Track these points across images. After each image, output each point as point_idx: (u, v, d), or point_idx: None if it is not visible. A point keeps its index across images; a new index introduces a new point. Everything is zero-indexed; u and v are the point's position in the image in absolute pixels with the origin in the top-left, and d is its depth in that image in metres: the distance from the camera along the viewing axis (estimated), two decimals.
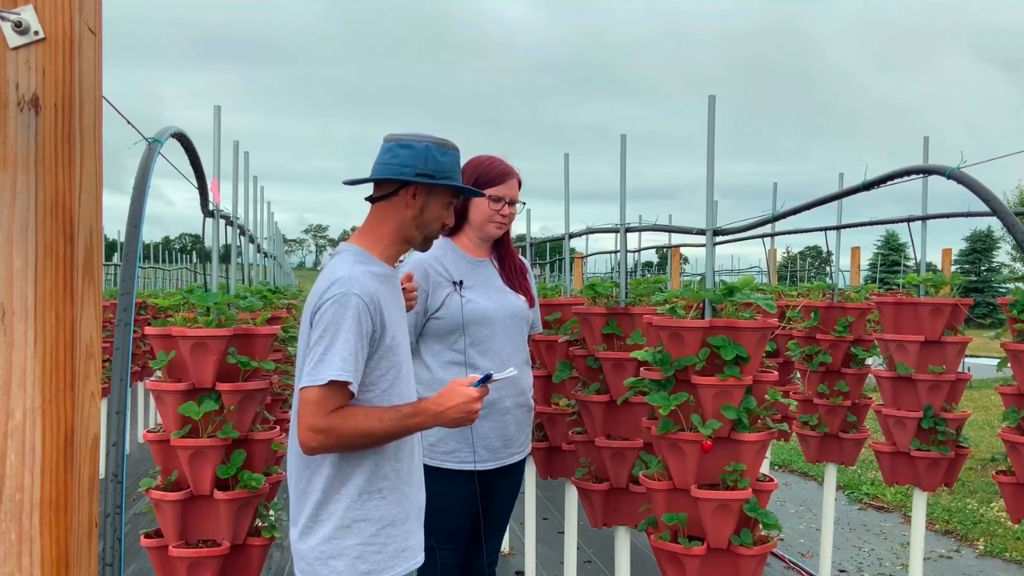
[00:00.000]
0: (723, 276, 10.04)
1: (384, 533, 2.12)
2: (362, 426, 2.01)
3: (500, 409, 2.90)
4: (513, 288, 3.00)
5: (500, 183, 2.91)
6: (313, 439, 2.00)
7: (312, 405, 1.99)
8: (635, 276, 5.06)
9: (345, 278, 2.05)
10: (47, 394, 1.10)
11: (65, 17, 1.10)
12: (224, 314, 3.00)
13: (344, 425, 2.00)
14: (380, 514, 2.11)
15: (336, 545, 2.09)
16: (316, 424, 1.99)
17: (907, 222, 4.02)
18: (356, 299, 2.02)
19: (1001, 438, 3.72)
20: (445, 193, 2.19)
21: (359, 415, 2.02)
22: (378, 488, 2.11)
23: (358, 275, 2.07)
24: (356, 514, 2.09)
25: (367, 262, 2.14)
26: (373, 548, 2.10)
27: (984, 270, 37.58)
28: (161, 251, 14.77)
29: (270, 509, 3.15)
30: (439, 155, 2.15)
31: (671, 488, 2.69)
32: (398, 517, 2.15)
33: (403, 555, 2.16)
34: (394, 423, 2.04)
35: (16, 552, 1.09)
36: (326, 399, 1.99)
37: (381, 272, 2.15)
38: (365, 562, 2.09)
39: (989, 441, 9.02)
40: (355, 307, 2.02)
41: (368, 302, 2.04)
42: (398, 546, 2.15)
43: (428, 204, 2.17)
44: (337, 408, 2.01)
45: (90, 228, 1.15)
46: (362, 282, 2.06)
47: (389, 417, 2.04)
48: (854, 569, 5.40)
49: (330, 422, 1.99)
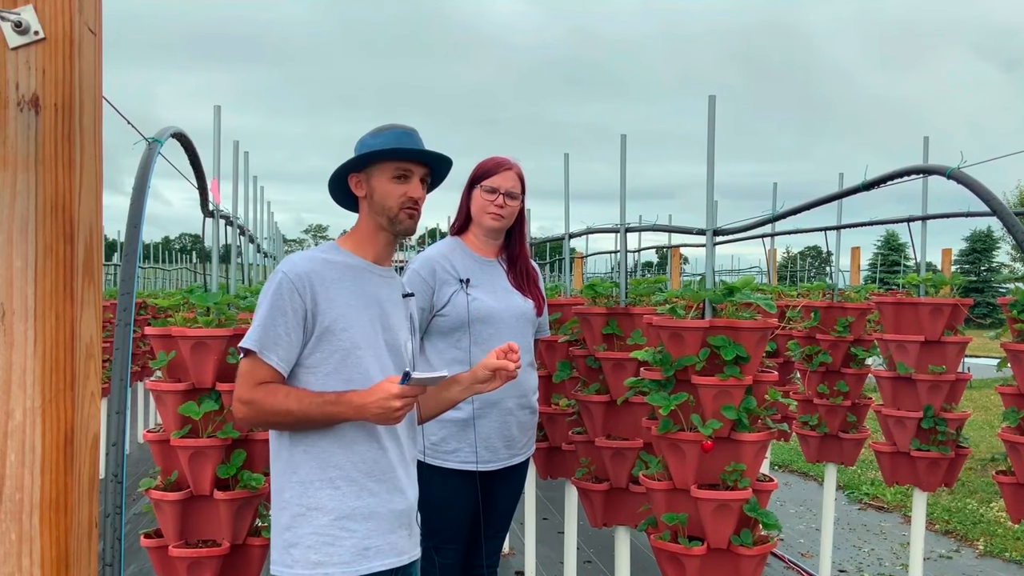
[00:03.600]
0: (723, 276, 10.03)
1: (338, 525, 2.09)
2: (281, 404, 2.04)
3: (503, 410, 2.90)
4: (521, 291, 3.00)
5: (494, 174, 2.93)
6: (239, 409, 2.08)
7: (240, 376, 2.08)
8: (635, 276, 5.06)
9: (283, 260, 2.16)
10: (47, 394, 1.10)
11: (65, 17, 1.10)
12: (224, 314, 3.00)
13: (265, 400, 2.04)
14: (333, 504, 2.09)
15: (294, 533, 2.10)
16: (242, 395, 2.06)
17: (907, 222, 4.02)
18: (281, 275, 2.09)
19: (1001, 438, 3.72)
20: (384, 168, 2.18)
21: (280, 393, 2.05)
22: (328, 477, 2.10)
23: (296, 258, 2.15)
24: (308, 502, 2.10)
25: (328, 251, 2.20)
26: (325, 539, 2.08)
27: (984, 270, 37.57)
28: (161, 251, 14.78)
29: (270, 509, 3.15)
30: (370, 139, 2.20)
31: (671, 488, 2.69)
32: (357, 512, 2.11)
33: (365, 554, 2.10)
34: (313, 408, 2.04)
35: (16, 552, 1.09)
36: (251, 371, 2.06)
37: (342, 261, 2.18)
38: (317, 552, 2.08)
39: (989, 441, 9.02)
40: (277, 283, 2.08)
41: (295, 279, 2.08)
42: (357, 543, 2.10)
43: (372, 185, 2.19)
44: (264, 383, 2.06)
45: (90, 228, 1.15)
46: (295, 262, 2.13)
47: (310, 401, 2.05)
48: (854, 569, 5.40)
49: (254, 395, 2.05)
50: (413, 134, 2.22)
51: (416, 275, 2.85)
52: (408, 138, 2.20)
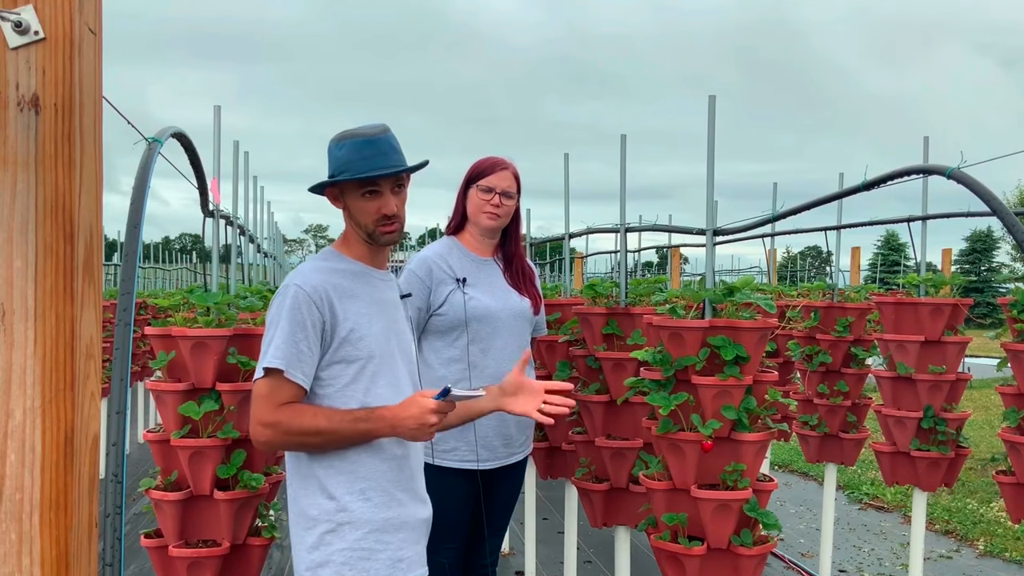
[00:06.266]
0: (723, 276, 10.04)
1: (372, 538, 2.03)
2: (309, 423, 1.96)
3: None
4: (518, 289, 3.00)
5: (490, 174, 2.94)
6: (262, 433, 1.97)
7: (260, 399, 1.97)
8: (635, 276, 5.06)
9: (293, 274, 2.07)
10: (47, 394, 1.10)
11: (65, 17, 1.10)
12: (224, 314, 3.00)
13: (292, 421, 1.95)
14: (367, 516, 2.03)
15: (323, 552, 2.02)
16: (264, 418, 1.96)
17: (907, 222, 4.02)
18: (295, 289, 2.01)
19: (1001, 438, 3.72)
20: (350, 186, 2.08)
21: (308, 412, 1.97)
22: (359, 489, 2.03)
23: (305, 269, 2.08)
24: (339, 517, 2.02)
25: (332, 259, 2.14)
26: (360, 554, 2.02)
27: (984, 270, 37.55)
28: (161, 251, 14.77)
29: (270, 509, 3.15)
30: (335, 151, 2.09)
31: (671, 488, 2.69)
32: (390, 523, 2.06)
33: (399, 566, 2.06)
34: (345, 425, 1.98)
35: (16, 552, 1.09)
36: (272, 392, 1.97)
37: (347, 268, 2.12)
38: (352, 568, 2.01)
39: (989, 441, 9.02)
40: (293, 297, 2.00)
41: (311, 292, 2.01)
42: (391, 555, 2.05)
43: (347, 202, 2.12)
44: (287, 403, 1.97)
45: (90, 228, 1.15)
46: (306, 274, 2.05)
47: (340, 418, 1.98)
48: (854, 569, 5.40)
49: (277, 416, 1.96)
50: (376, 140, 2.06)
51: (413, 275, 2.85)
52: (370, 147, 2.04)
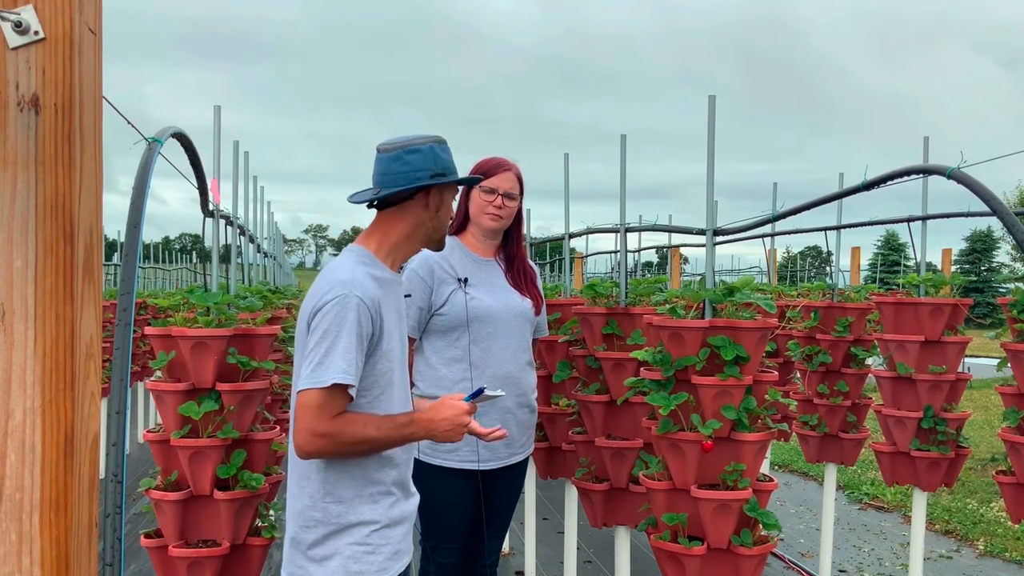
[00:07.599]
0: (723, 276, 10.04)
1: (378, 535, 2.11)
2: (361, 433, 1.99)
3: (501, 408, 2.90)
4: (519, 290, 3.01)
5: (493, 175, 2.94)
6: (312, 443, 1.97)
7: (314, 409, 1.96)
8: (635, 276, 5.06)
9: (347, 280, 2.03)
10: (47, 394, 1.10)
11: (65, 17, 1.10)
12: (224, 314, 3.00)
13: (345, 431, 1.98)
14: (376, 516, 2.10)
15: (329, 547, 2.07)
16: (318, 428, 1.96)
17: (907, 222, 4.02)
18: (357, 301, 2.00)
19: (1001, 438, 3.72)
20: (452, 189, 2.24)
21: (359, 422, 2.00)
22: (368, 493, 2.10)
23: (360, 277, 2.05)
24: (347, 519, 2.08)
25: (371, 264, 2.12)
26: (366, 548, 2.08)
27: (984, 270, 37.57)
28: (161, 251, 14.76)
29: (270, 509, 3.15)
30: (443, 153, 2.18)
31: (671, 488, 2.69)
32: (394, 520, 2.14)
33: (395, 557, 2.15)
34: (390, 431, 2.04)
35: (16, 552, 1.09)
36: (328, 403, 1.97)
37: (382, 276, 2.13)
38: (357, 562, 2.08)
39: (989, 441, 9.02)
40: (356, 309, 1.99)
41: (370, 305, 2.02)
42: (392, 548, 2.14)
43: (443, 202, 2.20)
44: (338, 413, 1.99)
45: (90, 228, 1.15)
46: (364, 284, 2.04)
47: (386, 426, 2.04)
48: (854, 569, 5.40)
49: (332, 427, 1.97)
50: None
51: (414, 274, 2.86)
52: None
